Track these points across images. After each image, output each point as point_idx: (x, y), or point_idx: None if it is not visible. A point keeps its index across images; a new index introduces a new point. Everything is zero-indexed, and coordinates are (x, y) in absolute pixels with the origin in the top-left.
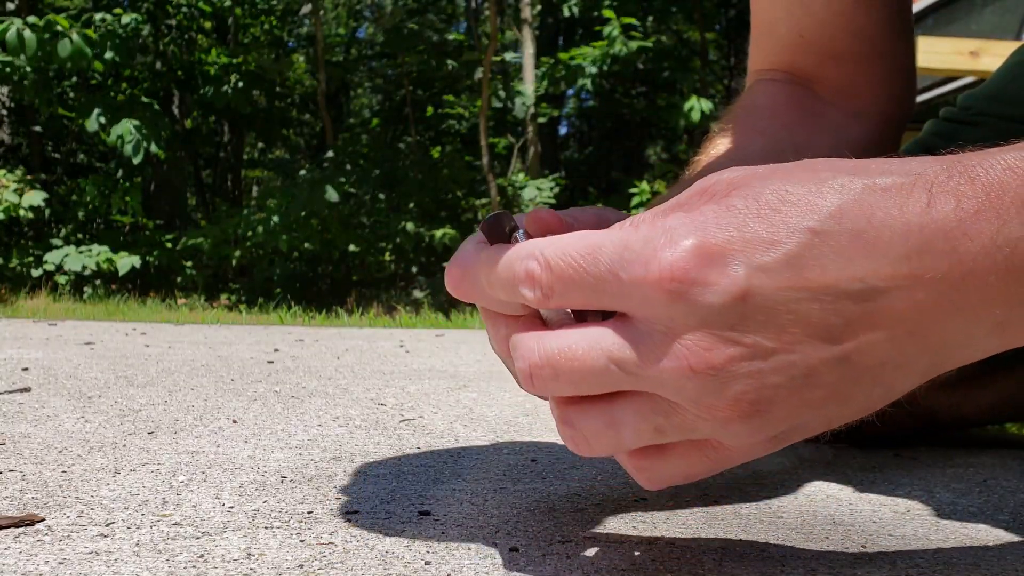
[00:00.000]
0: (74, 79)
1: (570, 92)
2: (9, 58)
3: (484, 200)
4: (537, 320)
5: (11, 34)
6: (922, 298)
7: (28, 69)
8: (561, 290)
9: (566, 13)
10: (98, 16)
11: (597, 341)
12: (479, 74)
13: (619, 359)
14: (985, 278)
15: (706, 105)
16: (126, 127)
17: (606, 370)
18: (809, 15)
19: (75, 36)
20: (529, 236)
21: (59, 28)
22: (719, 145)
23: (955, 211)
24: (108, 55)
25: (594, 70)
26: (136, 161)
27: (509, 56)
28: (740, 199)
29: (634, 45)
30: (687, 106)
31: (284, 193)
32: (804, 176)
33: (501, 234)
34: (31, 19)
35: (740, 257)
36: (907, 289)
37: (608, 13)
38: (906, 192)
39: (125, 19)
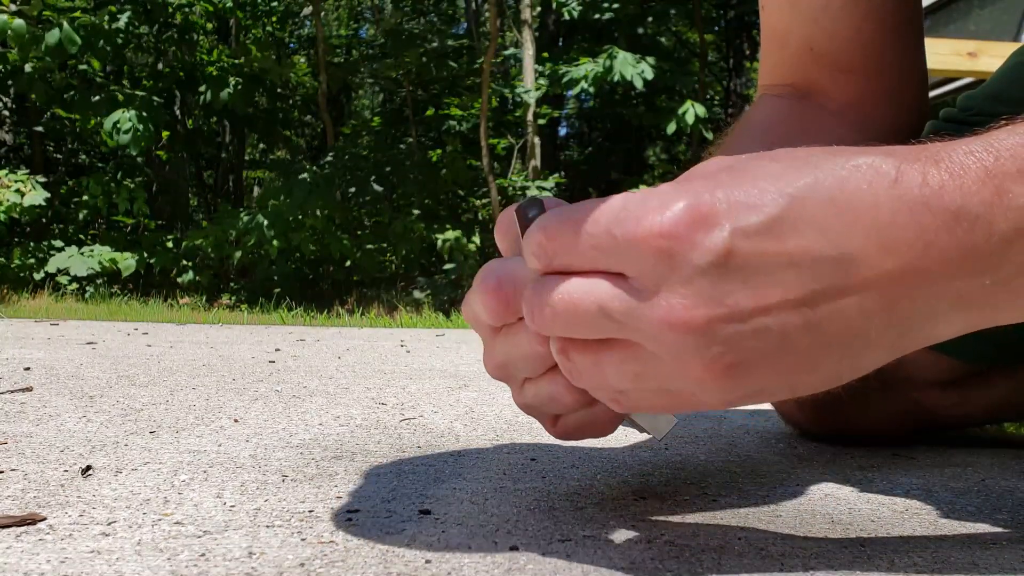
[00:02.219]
0: (75, 79)
1: (570, 94)
2: (10, 45)
3: (485, 200)
4: None
5: (1, 21)
6: (889, 267)
7: (27, 65)
8: (563, 251)
9: (566, 16)
10: (91, 17)
11: (591, 289)
12: (480, 65)
13: (608, 308)
14: (946, 251)
15: (700, 110)
16: (123, 116)
17: (596, 316)
18: (818, 28)
19: (65, 25)
20: None
21: (49, 17)
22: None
23: (920, 187)
24: (97, 48)
25: (592, 90)
26: (134, 151)
27: (509, 52)
28: (726, 174)
29: (629, 72)
30: (682, 110)
31: (283, 189)
32: (784, 155)
33: (526, 221)
34: (22, 7)
35: (725, 220)
36: (876, 257)
37: (620, 53)
38: (875, 168)
39: (122, 21)
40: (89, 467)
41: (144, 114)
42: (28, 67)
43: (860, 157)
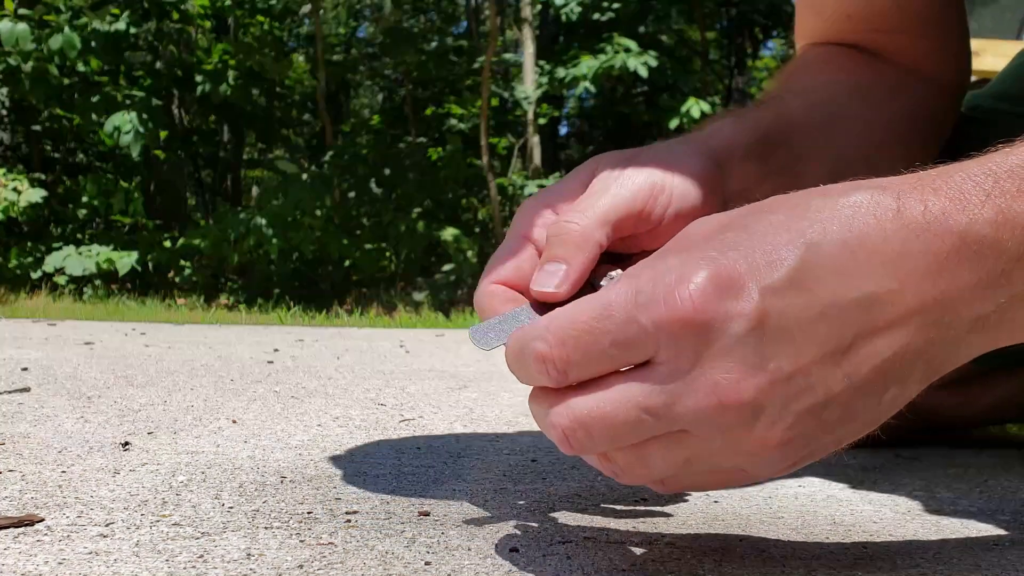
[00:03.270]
0: (75, 78)
1: (571, 92)
2: (9, 49)
3: (485, 200)
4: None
5: (4, 25)
6: (910, 300)
7: (25, 65)
8: (580, 359)
9: (563, 19)
10: (90, 16)
11: (625, 395)
12: (480, 65)
13: (650, 407)
14: (960, 274)
15: (705, 106)
16: (123, 118)
17: (639, 421)
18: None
19: (67, 29)
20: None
21: (51, 22)
22: (765, 93)
23: (923, 214)
24: (95, 51)
25: (593, 88)
26: (135, 153)
27: (509, 56)
28: (732, 232)
29: (632, 63)
30: (685, 107)
31: (281, 188)
32: (779, 205)
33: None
34: (22, 11)
35: (751, 281)
36: (897, 292)
37: (621, 41)
38: (876, 202)
39: (121, 23)
40: (128, 442)
41: (144, 116)
42: (27, 67)
43: (856, 194)
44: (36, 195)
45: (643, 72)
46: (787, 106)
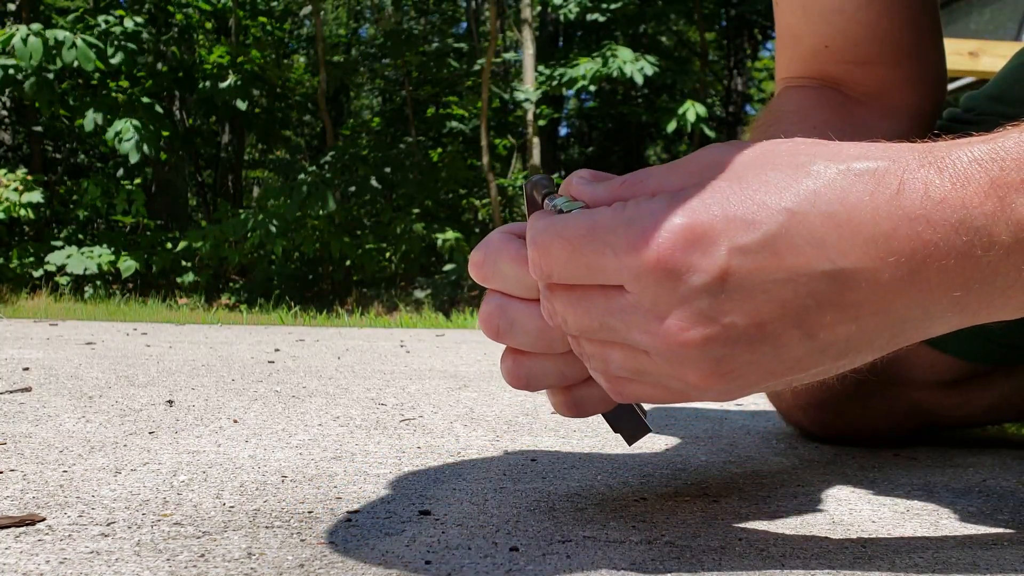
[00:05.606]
0: (78, 79)
1: (570, 93)
2: (12, 60)
3: (485, 200)
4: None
5: (17, 41)
6: (886, 279)
7: (30, 71)
8: (559, 269)
9: (562, 19)
10: (100, 18)
11: (593, 304)
12: (480, 66)
13: (609, 324)
14: (944, 261)
15: (701, 109)
16: (125, 125)
17: (601, 327)
18: (831, 25)
19: (79, 42)
20: (561, 203)
21: (63, 37)
22: None
23: (922, 199)
24: (115, 60)
25: (591, 88)
26: (133, 160)
27: (510, 56)
28: (724, 180)
29: (629, 69)
30: (682, 109)
31: (283, 190)
32: (785, 161)
33: (535, 202)
34: (35, 26)
35: (723, 238)
36: (873, 271)
37: (616, 48)
38: (878, 178)
39: (128, 23)
40: (171, 400)
41: (149, 127)
42: (31, 80)
43: (864, 161)
44: (36, 195)
45: (638, 79)
46: None
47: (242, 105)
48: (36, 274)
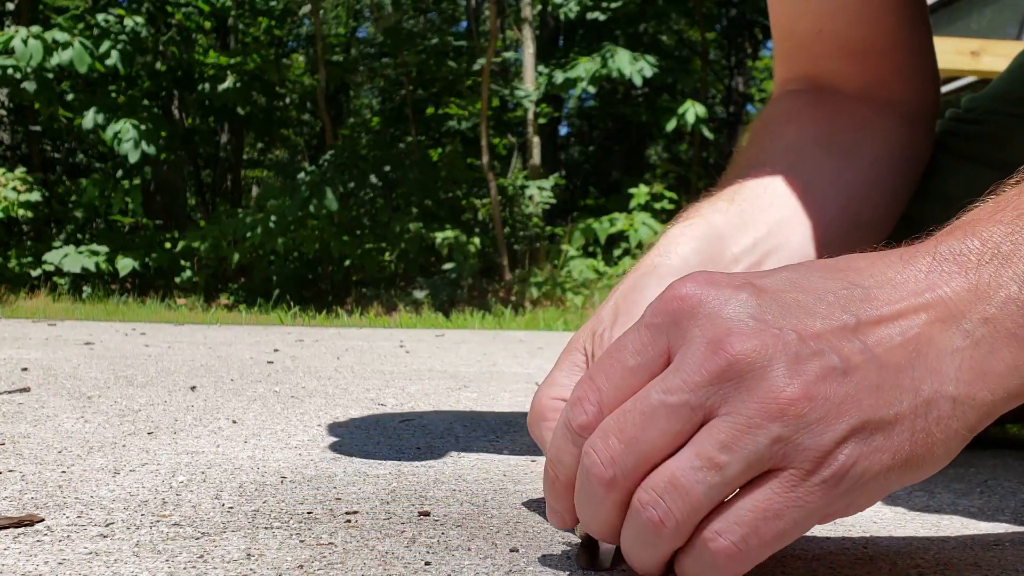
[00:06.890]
0: (78, 79)
1: (571, 93)
2: (11, 61)
3: (485, 200)
4: None
5: (17, 43)
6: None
7: (29, 71)
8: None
9: (562, 18)
10: (100, 17)
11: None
12: (478, 67)
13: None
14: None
15: (701, 109)
16: (124, 125)
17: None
18: (825, 8)
19: (77, 44)
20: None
21: (62, 38)
22: (739, 162)
23: (970, 342)
24: (110, 61)
25: (591, 88)
26: (132, 160)
27: (509, 55)
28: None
29: (628, 70)
30: (681, 109)
31: (283, 190)
32: (845, 299)
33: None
34: (35, 29)
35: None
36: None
37: (615, 50)
38: (930, 321)
39: (127, 22)
40: (194, 387)
41: (146, 126)
42: (31, 82)
43: (891, 305)
44: (35, 194)
45: (637, 80)
46: (749, 203)
47: (241, 111)
48: (34, 274)
